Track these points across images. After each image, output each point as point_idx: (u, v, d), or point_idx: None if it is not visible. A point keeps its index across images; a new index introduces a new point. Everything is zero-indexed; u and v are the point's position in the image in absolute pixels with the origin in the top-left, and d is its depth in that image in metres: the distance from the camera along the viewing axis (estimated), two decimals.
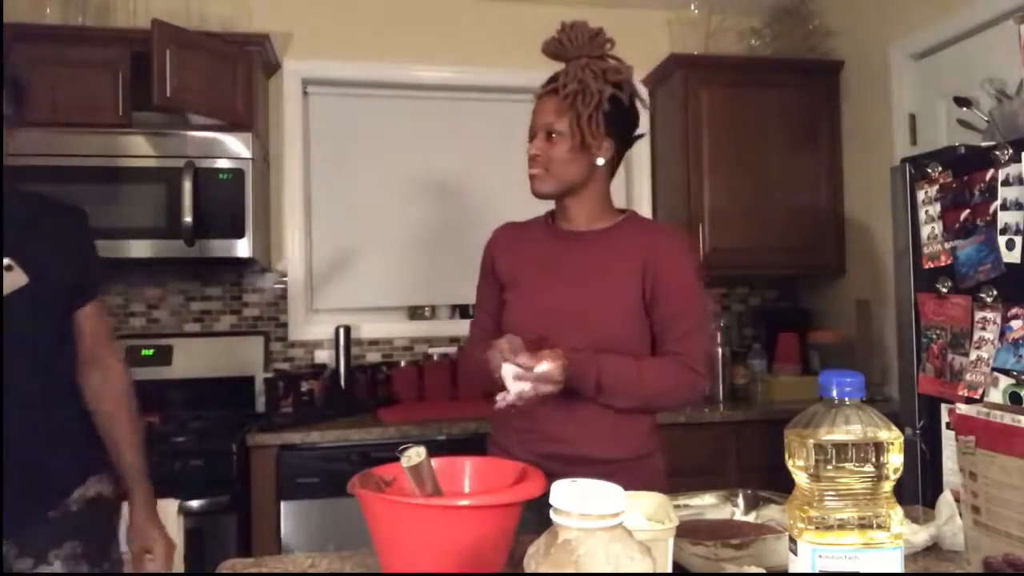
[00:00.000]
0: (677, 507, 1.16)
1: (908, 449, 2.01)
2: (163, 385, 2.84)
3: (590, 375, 1.38)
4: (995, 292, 1.80)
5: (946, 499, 1.10)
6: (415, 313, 3.31)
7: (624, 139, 1.56)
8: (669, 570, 0.91)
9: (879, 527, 0.71)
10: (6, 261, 1.14)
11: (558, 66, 1.55)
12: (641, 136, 1.61)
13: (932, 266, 2.00)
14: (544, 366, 1.31)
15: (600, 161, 1.51)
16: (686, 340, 1.47)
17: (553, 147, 1.50)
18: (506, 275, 1.61)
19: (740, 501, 1.19)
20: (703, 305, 1.58)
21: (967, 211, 1.88)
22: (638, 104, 1.56)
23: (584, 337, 1.46)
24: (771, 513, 1.13)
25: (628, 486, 0.97)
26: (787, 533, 1.02)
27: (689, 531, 1.03)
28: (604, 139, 1.49)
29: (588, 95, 1.47)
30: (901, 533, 0.73)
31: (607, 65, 1.51)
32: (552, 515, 0.60)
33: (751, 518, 1.15)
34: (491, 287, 1.66)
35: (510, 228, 1.69)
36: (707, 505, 1.19)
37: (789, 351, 3.11)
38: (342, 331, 2.95)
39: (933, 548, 1.08)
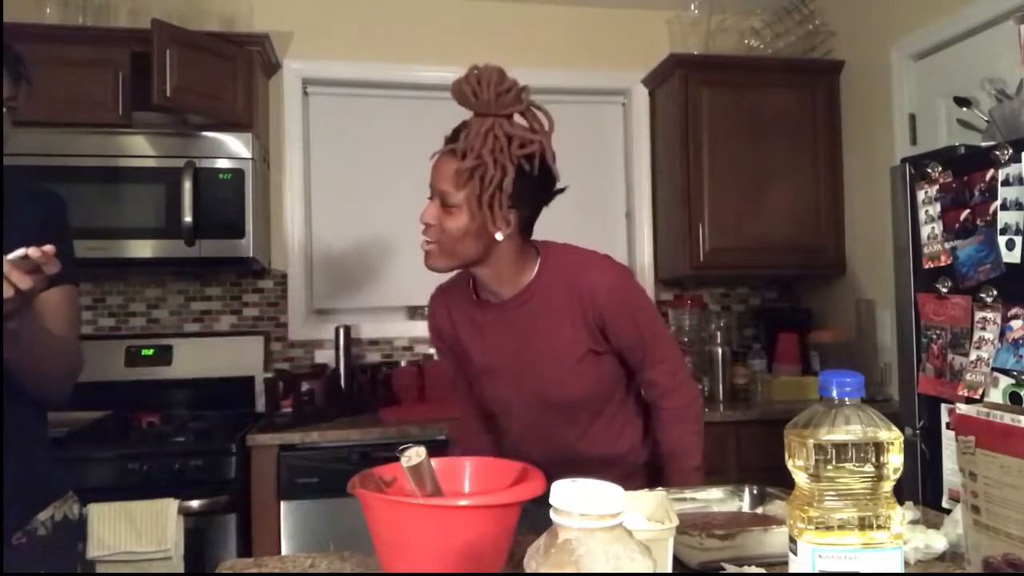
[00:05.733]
0: (684, 500, 1.19)
1: (908, 449, 2.01)
2: (163, 385, 2.84)
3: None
4: (995, 292, 1.80)
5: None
6: (415, 313, 3.30)
7: (537, 202, 1.38)
8: (669, 570, 0.91)
9: (879, 527, 0.71)
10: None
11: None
12: (562, 191, 1.41)
13: (932, 266, 2.00)
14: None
15: (500, 236, 1.33)
16: (659, 365, 1.47)
17: (448, 219, 1.31)
18: (458, 350, 1.54)
19: (746, 496, 1.22)
20: (654, 318, 1.49)
21: (967, 211, 1.88)
22: (554, 167, 1.35)
23: (544, 405, 1.45)
24: (776, 509, 1.15)
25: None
26: (776, 527, 1.04)
27: (697, 524, 1.06)
28: (507, 214, 1.31)
29: (488, 172, 1.26)
30: (901, 533, 0.73)
31: (516, 132, 1.28)
32: (552, 515, 0.60)
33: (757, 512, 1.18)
34: (451, 355, 1.58)
35: (441, 298, 1.57)
36: (714, 499, 1.22)
37: (789, 351, 3.11)
38: (342, 331, 2.95)
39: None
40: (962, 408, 0.96)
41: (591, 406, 1.49)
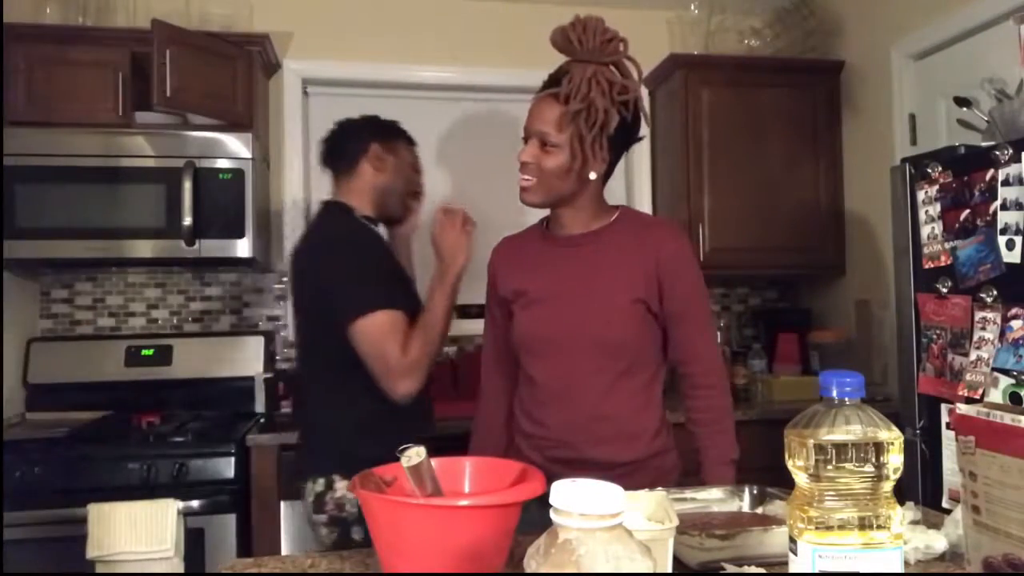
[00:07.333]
0: (684, 500, 1.19)
1: (908, 449, 2.01)
2: (163, 385, 2.84)
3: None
4: (995, 292, 1.80)
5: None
6: None
7: (625, 146, 1.49)
8: (669, 570, 0.91)
9: (879, 527, 0.71)
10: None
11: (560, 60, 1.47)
12: (641, 139, 1.54)
13: (932, 266, 2.00)
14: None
15: (593, 175, 1.44)
16: (701, 341, 1.51)
17: (547, 158, 1.41)
18: (509, 290, 1.56)
19: (746, 496, 1.22)
20: (705, 296, 1.56)
21: (967, 211, 1.88)
22: (641, 115, 1.48)
23: (584, 341, 1.45)
24: (776, 509, 1.15)
25: (635, 487, 0.97)
26: (776, 527, 1.04)
27: (697, 524, 1.06)
28: (605, 155, 1.42)
29: (593, 115, 1.36)
30: (901, 533, 0.73)
31: (616, 79, 1.39)
32: (552, 515, 0.60)
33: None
34: (498, 307, 1.61)
35: (507, 243, 1.63)
36: (714, 499, 1.22)
37: (789, 351, 3.11)
38: None
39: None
40: (962, 408, 0.96)
41: (624, 359, 1.47)
